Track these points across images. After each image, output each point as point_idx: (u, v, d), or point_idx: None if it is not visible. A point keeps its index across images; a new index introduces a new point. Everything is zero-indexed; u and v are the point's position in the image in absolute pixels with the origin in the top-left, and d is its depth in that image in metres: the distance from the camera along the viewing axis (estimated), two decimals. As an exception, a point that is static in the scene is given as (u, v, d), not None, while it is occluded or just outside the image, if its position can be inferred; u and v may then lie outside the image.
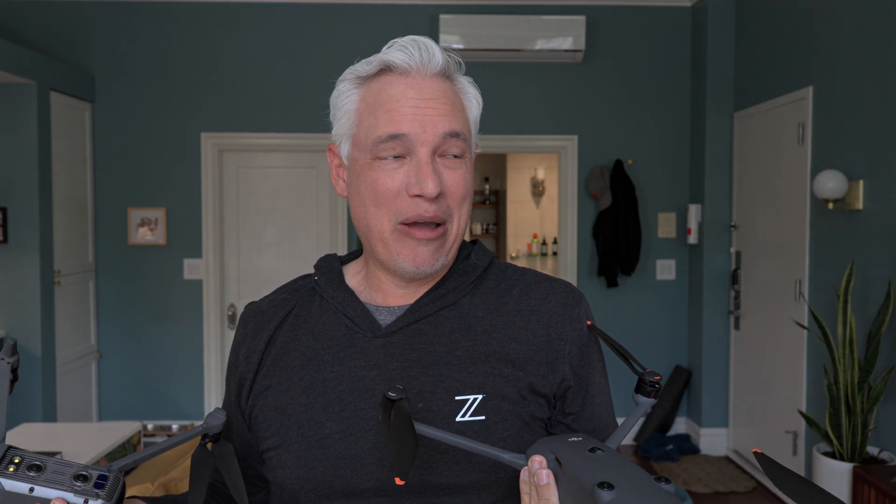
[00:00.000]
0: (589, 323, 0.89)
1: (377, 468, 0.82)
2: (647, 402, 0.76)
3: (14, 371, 0.74)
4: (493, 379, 0.84)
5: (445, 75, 0.86)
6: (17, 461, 0.69)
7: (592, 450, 0.63)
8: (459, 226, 0.86)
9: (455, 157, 0.84)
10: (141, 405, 4.66)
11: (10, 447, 0.70)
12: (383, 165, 0.83)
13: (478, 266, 0.92)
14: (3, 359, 0.73)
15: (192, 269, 4.64)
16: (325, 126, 4.39)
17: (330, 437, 0.84)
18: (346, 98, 0.87)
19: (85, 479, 0.69)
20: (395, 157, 0.82)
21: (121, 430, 2.66)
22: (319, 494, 0.84)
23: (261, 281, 4.72)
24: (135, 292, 4.64)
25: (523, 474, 0.67)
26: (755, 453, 0.65)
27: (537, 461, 0.65)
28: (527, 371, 0.85)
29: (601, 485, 0.56)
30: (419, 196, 0.81)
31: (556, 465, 0.65)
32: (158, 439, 4.57)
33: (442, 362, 0.84)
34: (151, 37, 4.57)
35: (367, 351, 0.86)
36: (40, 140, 3.94)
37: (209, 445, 0.74)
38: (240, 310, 4.72)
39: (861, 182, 3.14)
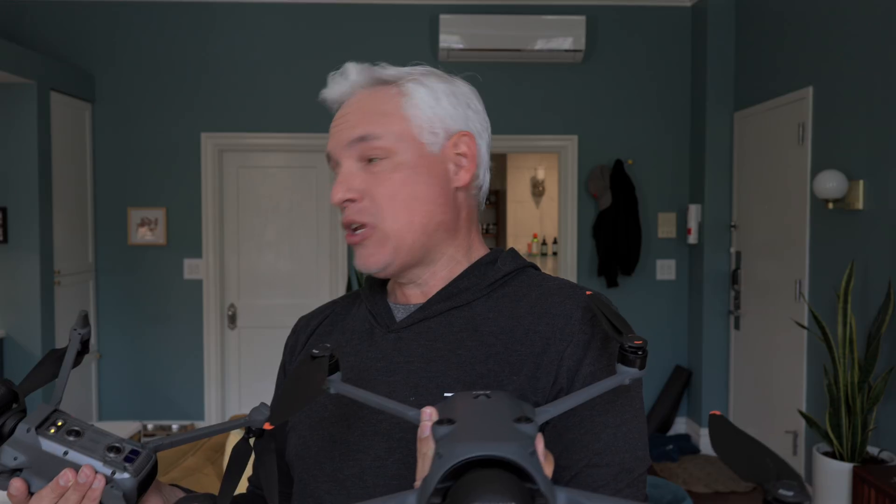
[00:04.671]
0: (589, 293, 0.82)
1: (362, 455, 0.83)
2: (627, 372, 0.65)
3: (85, 343, 0.75)
4: (486, 380, 0.82)
5: (375, 86, 0.91)
6: (59, 424, 0.71)
7: (477, 396, 0.56)
8: (396, 223, 0.87)
9: (376, 160, 0.88)
10: (141, 405, 4.66)
11: (56, 410, 0.72)
12: None
13: (500, 271, 0.91)
14: (75, 329, 0.75)
15: (192, 269, 4.64)
16: (324, 126, 4.37)
17: (327, 419, 0.88)
18: None
19: (118, 451, 0.70)
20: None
21: (121, 430, 2.66)
22: (311, 475, 0.86)
23: (261, 281, 4.72)
24: (135, 292, 4.64)
25: (419, 431, 0.61)
26: (711, 416, 0.57)
27: (426, 413, 0.59)
28: (521, 375, 0.81)
29: (440, 421, 0.52)
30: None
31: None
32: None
33: (443, 360, 0.85)
34: (151, 37, 4.57)
35: (380, 345, 0.90)
36: (40, 140, 3.94)
37: (251, 440, 0.74)
38: (240, 310, 4.72)
39: (861, 182, 3.14)
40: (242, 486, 1.51)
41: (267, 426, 0.61)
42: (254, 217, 4.71)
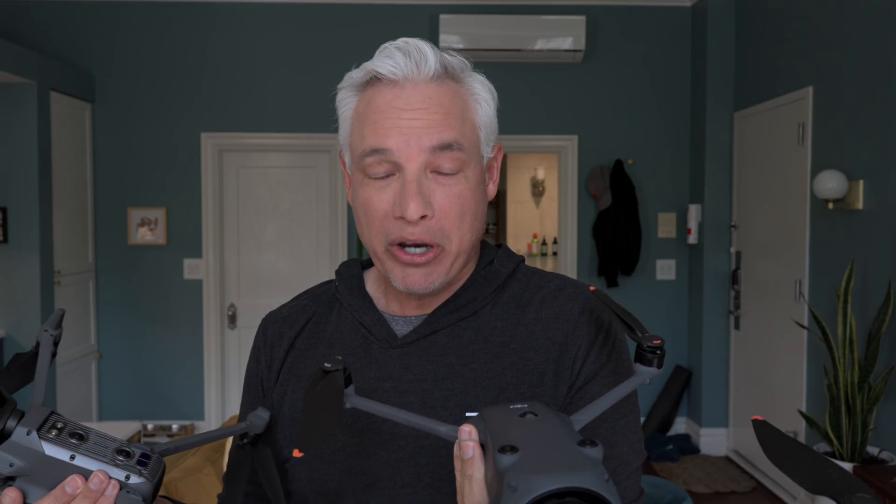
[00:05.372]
0: (592, 288, 0.81)
1: (389, 485, 0.79)
2: (647, 372, 0.64)
3: (55, 344, 0.71)
4: (507, 394, 0.79)
5: (443, 78, 0.79)
6: (59, 427, 0.66)
7: (524, 414, 0.54)
8: (461, 244, 0.79)
9: (448, 173, 0.78)
10: (141, 405, 4.66)
11: (52, 412, 0.68)
12: (373, 184, 0.78)
13: (500, 273, 0.86)
14: (46, 330, 0.71)
15: (192, 269, 4.64)
16: (324, 126, 4.38)
17: (342, 450, 0.82)
18: (343, 106, 0.83)
19: (128, 454, 0.66)
20: (385, 175, 0.78)
21: (121, 430, 2.66)
22: None
23: (261, 281, 4.72)
24: (135, 292, 4.64)
25: (456, 448, 0.58)
26: (754, 421, 0.57)
27: (465, 431, 0.57)
28: (542, 386, 0.80)
29: (502, 449, 0.49)
30: (403, 218, 0.76)
31: (487, 437, 0.55)
32: (159, 439, 4.57)
33: (457, 376, 0.81)
34: (151, 37, 4.57)
35: (381, 362, 0.83)
36: (40, 140, 3.94)
37: (247, 447, 0.72)
38: (240, 310, 4.72)
39: (861, 182, 3.14)
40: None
41: (296, 453, 0.58)
42: (254, 217, 4.71)
